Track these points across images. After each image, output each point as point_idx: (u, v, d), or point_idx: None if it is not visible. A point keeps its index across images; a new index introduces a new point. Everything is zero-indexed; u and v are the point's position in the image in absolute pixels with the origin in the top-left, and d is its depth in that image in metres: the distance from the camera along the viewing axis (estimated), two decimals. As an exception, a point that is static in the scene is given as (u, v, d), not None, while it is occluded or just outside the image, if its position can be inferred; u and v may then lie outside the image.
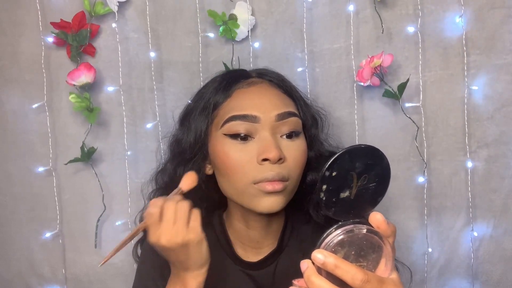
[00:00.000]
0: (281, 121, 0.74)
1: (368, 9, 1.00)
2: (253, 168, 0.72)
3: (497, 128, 0.99)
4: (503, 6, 0.97)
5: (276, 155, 0.70)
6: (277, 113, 0.73)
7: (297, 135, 0.76)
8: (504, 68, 0.98)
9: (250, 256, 0.81)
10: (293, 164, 0.73)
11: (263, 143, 0.72)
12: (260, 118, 0.73)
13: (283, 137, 0.74)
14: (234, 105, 0.76)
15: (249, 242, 0.81)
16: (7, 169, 1.07)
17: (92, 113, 1.00)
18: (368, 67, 0.94)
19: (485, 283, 1.03)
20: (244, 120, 0.73)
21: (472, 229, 1.01)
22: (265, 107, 0.74)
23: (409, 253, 1.03)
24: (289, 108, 0.76)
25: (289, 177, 0.73)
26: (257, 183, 0.72)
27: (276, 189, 0.71)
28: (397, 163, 1.02)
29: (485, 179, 1.01)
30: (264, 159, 0.71)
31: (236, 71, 0.85)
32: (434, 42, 0.99)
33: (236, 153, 0.73)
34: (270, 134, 0.73)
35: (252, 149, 0.73)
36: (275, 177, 0.71)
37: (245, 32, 1.00)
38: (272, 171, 0.71)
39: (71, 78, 0.98)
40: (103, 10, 1.01)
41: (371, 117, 1.02)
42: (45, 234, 1.06)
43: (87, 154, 1.02)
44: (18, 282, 1.09)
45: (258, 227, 0.79)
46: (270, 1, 1.02)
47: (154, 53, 1.03)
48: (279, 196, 0.72)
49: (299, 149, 0.75)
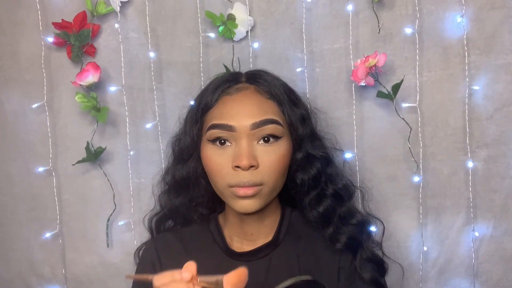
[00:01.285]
0: (257, 129, 0.77)
1: (368, 10, 0.99)
2: (228, 172, 0.77)
3: (497, 128, 0.99)
4: (503, 6, 0.97)
5: (247, 164, 0.75)
6: (252, 121, 0.77)
7: (276, 139, 0.79)
8: (504, 68, 0.98)
9: (245, 248, 0.84)
10: (267, 169, 0.77)
11: (237, 150, 0.77)
12: (236, 128, 0.77)
13: (260, 142, 0.78)
14: (216, 113, 0.80)
15: (244, 235, 0.84)
16: (7, 169, 1.08)
17: (101, 113, 1.00)
18: (363, 66, 0.94)
19: (485, 283, 1.03)
20: (221, 129, 0.78)
21: (473, 229, 1.01)
22: (241, 115, 0.78)
23: (408, 252, 1.03)
24: (267, 115, 0.79)
25: (263, 182, 0.77)
26: (232, 187, 0.77)
27: (248, 194, 0.76)
28: (396, 163, 1.02)
29: (485, 179, 1.01)
30: (237, 166, 0.76)
31: (230, 75, 0.87)
32: (433, 42, 0.99)
33: (215, 158, 0.78)
34: (246, 142, 0.77)
35: (229, 154, 0.78)
36: (245, 184, 0.76)
37: (243, 32, 1.00)
38: (244, 178, 0.76)
39: (79, 79, 0.98)
40: (105, 9, 1.01)
41: (370, 117, 1.02)
42: (45, 234, 1.06)
43: (95, 154, 1.02)
44: (18, 282, 1.10)
45: (251, 221, 0.83)
46: (270, 1, 1.02)
47: (154, 53, 1.03)
48: (252, 199, 0.77)
49: (276, 154, 0.78)
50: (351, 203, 0.87)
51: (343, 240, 0.82)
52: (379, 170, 1.03)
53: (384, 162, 1.02)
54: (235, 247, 0.84)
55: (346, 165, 0.95)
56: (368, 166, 1.02)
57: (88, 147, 1.02)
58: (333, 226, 0.82)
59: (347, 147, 1.00)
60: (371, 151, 1.02)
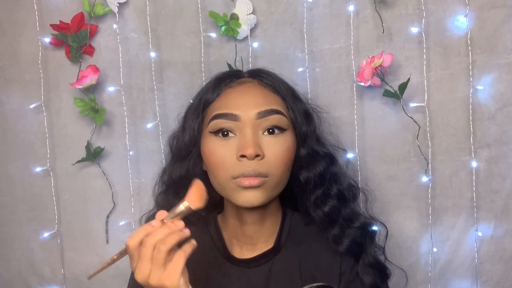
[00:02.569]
0: (262, 118, 0.76)
1: (368, 9, 0.99)
2: (232, 164, 0.75)
3: (499, 128, 0.99)
4: (504, 6, 0.96)
5: (252, 152, 0.73)
6: (257, 111, 0.76)
7: (282, 131, 0.77)
8: (505, 67, 0.98)
9: (245, 253, 0.82)
10: (273, 160, 0.75)
11: (242, 140, 0.75)
12: (240, 117, 0.75)
13: (265, 134, 0.76)
14: (220, 104, 0.79)
15: (244, 238, 0.82)
16: (7, 169, 1.08)
17: (98, 114, 1.01)
18: (369, 67, 0.94)
19: (485, 283, 1.02)
20: (225, 118, 0.76)
21: (476, 229, 1.00)
22: (247, 105, 0.76)
23: (409, 253, 1.03)
24: (272, 106, 0.77)
25: (269, 173, 0.75)
26: (236, 178, 0.75)
27: (253, 184, 0.74)
28: (397, 163, 1.02)
29: (486, 180, 1.00)
30: (242, 156, 0.74)
31: (231, 71, 0.87)
32: (434, 41, 0.99)
33: (218, 149, 0.76)
34: (251, 131, 0.75)
35: (233, 145, 0.75)
36: (251, 173, 0.73)
37: (246, 31, 1.00)
38: (249, 167, 0.74)
39: (78, 84, 0.98)
40: (103, 10, 1.01)
41: (371, 117, 1.01)
42: (44, 234, 1.06)
43: (94, 154, 1.03)
44: (18, 282, 1.10)
45: (252, 222, 0.81)
46: (270, 1, 1.02)
47: (154, 53, 1.02)
48: (257, 191, 0.75)
49: (281, 145, 0.76)
50: (355, 204, 0.86)
51: (346, 243, 0.80)
52: (380, 170, 1.02)
53: (385, 162, 1.02)
54: (235, 252, 0.82)
55: (349, 166, 0.95)
56: (369, 166, 1.02)
57: (88, 147, 1.02)
58: (338, 227, 0.81)
59: (348, 147, 1.00)
60: (372, 151, 1.02)
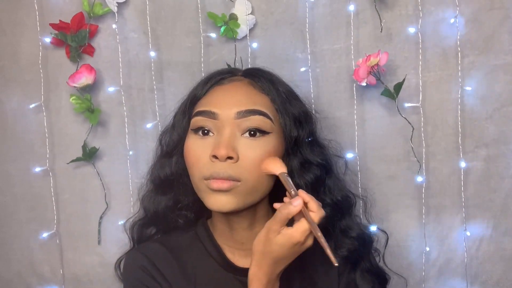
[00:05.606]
0: (242, 118, 0.71)
1: (368, 10, 1.00)
2: (205, 163, 0.71)
3: (497, 128, 1.00)
4: (501, 7, 0.97)
5: (224, 153, 0.69)
6: (237, 110, 0.71)
7: (263, 134, 0.72)
8: (503, 68, 0.98)
9: (238, 259, 0.78)
10: (248, 164, 0.70)
11: (217, 140, 0.71)
12: (219, 115, 0.72)
13: (245, 135, 0.72)
14: (203, 101, 0.76)
15: (234, 244, 0.79)
16: (7, 169, 1.07)
17: (93, 114, 1.01)
18: (364, 65, 0.93)
19: (485, 283, 1.03)
20: (204, 116, 0.72)
21: (465, 228, 1.01)
22: (227, 104, 0.72)
23: (408, 251, 1.04)
24: (255, 106, 0.73)
25: (241, 178, 0.70)
26: (207, 180, 0.71)
27: (221, 188, 0.69)
28: (396, 163, 1.02)
29: (484, 179, 1.01)
30: (214, 156, 0.70)
31: (228, 69, 0.84)
32: (433, 42, 0.99)
33: (194, 148, 0.73)
34: (229, 131, 0.71)
35: (209, 145, 0.72)
36: (220, 175, 0.69)
37: (245, 31, 1.00)
38: (220, 169, 0.69)
39: (72, 81, 0.98)
40: (102, 10, 1.01)
41: (371, 117, 1.02)
42: (43, 234, 1.06)
43: (89, 153, 1.03)
44: (18, 282, 1.09)
45: (240, 228, 0.77)
46: (270, 1, 1.02)
47: (154, 53, 1.03)
48: (227, 195, 0.70)
49: (260, 149, 0.71)
50: (351, 215, 0.83)
51: (343, 254, 0.78)
52: (379, 170, 1.03)
53: (384, 162, 1.03)
54: (229, 258, 0.78)
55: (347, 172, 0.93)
56: (369, 166, 1.03)
57: (84, 147, 1.03)
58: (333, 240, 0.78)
59: (347, 147, 1.00)
60: (371, 151, 1.02)
